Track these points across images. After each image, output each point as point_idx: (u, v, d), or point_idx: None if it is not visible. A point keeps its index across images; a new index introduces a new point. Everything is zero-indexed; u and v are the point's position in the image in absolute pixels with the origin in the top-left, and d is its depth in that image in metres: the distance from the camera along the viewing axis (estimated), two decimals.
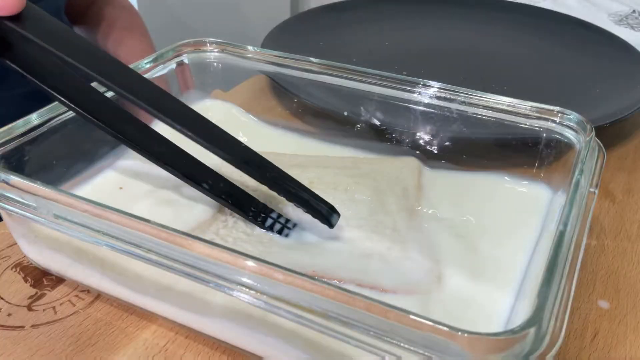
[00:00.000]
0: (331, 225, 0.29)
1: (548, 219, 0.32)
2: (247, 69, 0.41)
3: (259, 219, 0.30)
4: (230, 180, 0.31)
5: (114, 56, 0.28)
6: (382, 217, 0.31)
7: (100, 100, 0.31)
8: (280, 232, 0.30)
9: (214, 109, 0.42)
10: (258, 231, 0.30)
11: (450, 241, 0.31)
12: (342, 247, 0.30)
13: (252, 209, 0.30)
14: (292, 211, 0.31)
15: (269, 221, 0.30)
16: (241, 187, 0.31)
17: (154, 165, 0.36)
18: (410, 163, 0.36)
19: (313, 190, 0.29)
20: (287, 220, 0.31)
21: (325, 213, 0.29)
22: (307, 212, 0.29)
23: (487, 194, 0.35)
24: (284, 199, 0.29)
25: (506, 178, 0.36)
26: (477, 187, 0.35)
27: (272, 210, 0.31)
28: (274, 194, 0.29)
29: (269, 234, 0.30)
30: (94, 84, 0.31)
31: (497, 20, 0.61)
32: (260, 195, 0.31)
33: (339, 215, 0.30)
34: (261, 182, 0.28)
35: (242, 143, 0.28)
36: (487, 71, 0.53)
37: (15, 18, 0.26)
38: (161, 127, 0.29)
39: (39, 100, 0.32)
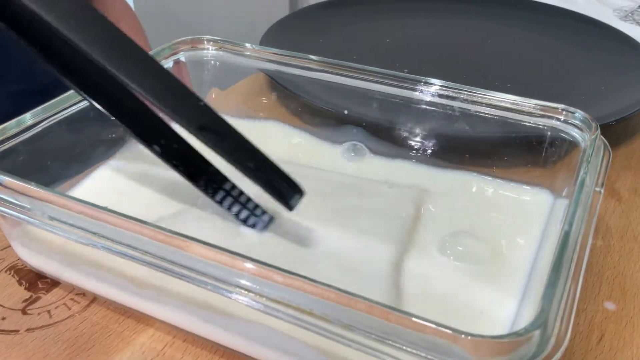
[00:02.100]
0: (290, 207, 0.26)
1: (553, 219, 0.32)
2: (245, 67, 0.40)
3: (210, 191, 0.28)
4: (189, 143, 0.27)
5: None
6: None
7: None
8: (238, 214, 0.28)
9: None
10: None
11: (452, 240, 0.31)
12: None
13: (206, 179, 0.28)
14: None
15: (222, 195, 0.28)
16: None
17: (153, 166, 0.36)
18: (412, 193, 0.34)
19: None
20: (256, 206, 0.29)
21: (285, 192, 0.26)
22: (265, 190, 0.26)
23: (490, 193, 0.35)
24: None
25: (510, 177, 0.35)
26: (480, 186, 0.35)
27: (233, 187, 0.28)
28: None
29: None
30: None
31: (500, 16, 0.61)
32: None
33: (301, 195, 0.26)
34: (216, 152, 0.25)
35: (201, 101, 0.25)
36: (490, 68, 0.52)
37: None
38: None
39: (33, 98, 0.32)
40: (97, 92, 0.27)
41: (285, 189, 0.26)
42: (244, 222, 0.29)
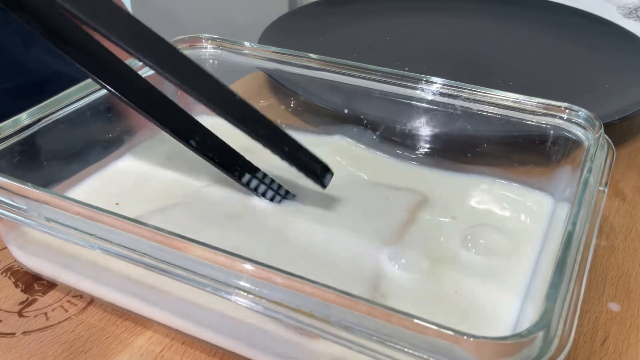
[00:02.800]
0: (323, 185, 0.30)
1: (556, 219, 0.31)
2: (244, 66, 0.40)
3: (244, 180, 0.31)
4: (219, 137, 0.31)
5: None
6: None
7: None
8: (272, 198, 0.32)
9: None
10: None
11: (454, 242, 0.30)
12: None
13: (239, 169, 0.31)
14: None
15: (260, 186, 0.31)
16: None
17: (149, 166, 0.35)
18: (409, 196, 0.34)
19: None
20: (280, 187, 0.32)
21: (319, 172, 0.30)
22: (300, 170, 0.30)
23: (492, 193, 0.34)
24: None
25: (512, 176, 0.35)
26: (482, 186, 0.35)
27: (264, 175, 0.31)
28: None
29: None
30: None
31: (502, 13, 0.60)
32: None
33: (332, 174, 0.30)
34: (255, 140, 0.28)
35: (236, 95, 0.28)
36: (491, 66, 0.52)
37: None
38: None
39: (25, 95, 0.32)
40: (136, 97, 0.29)
41: (318, 169, 0.30)
42: (271, 200, 0.32)
